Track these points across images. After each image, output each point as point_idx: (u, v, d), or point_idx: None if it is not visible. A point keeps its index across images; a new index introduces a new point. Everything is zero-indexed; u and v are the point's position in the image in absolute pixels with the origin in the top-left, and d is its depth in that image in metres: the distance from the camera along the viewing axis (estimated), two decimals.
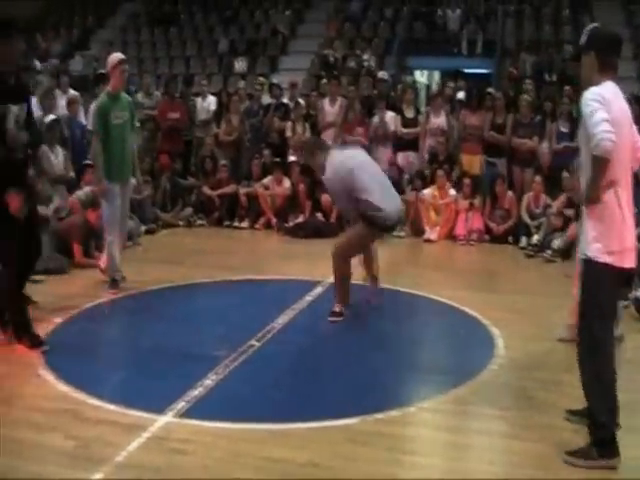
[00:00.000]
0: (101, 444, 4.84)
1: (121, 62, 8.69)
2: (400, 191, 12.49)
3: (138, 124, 11.05)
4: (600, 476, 4.53)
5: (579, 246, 4.91)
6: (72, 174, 11.08)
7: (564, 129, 12.47)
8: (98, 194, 8.74)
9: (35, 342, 6.68)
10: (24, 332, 6.71)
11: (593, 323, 4.65)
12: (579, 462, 4.60)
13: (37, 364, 6.26)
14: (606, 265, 4.58)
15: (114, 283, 8.68)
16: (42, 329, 7.07)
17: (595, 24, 5.24)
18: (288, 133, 13.74)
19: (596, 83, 4.66)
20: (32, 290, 7.96)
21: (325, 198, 12.60)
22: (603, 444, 4.60)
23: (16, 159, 6.49)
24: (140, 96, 14.47)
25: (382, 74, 15.95)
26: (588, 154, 4.55)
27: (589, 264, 4.67)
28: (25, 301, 7.11)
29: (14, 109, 6.43)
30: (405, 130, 13.27)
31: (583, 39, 4.88)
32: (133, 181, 9.13)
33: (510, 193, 12.25)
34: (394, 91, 15.29)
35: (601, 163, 4.43)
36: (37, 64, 18.45)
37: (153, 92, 14.87)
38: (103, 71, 11.88)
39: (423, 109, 14.12)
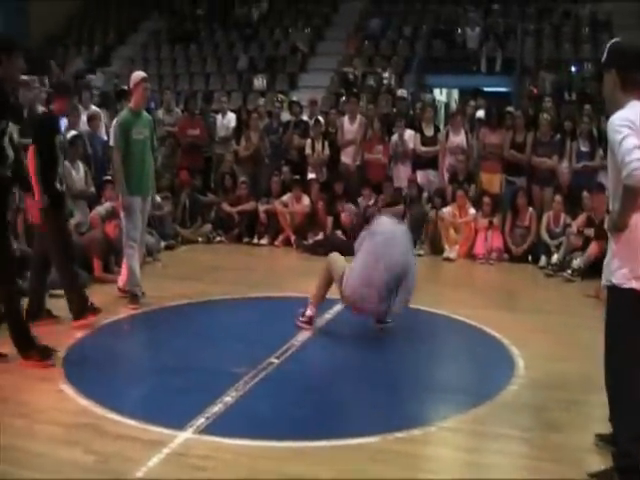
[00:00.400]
0: (121, 459, 4.85)
1: (144, 80, 8.80)
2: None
3: (156, 142, 11.17)
4: None
5: (603, 273, 4.76)
6: (93, 190, 11.15)
7: (584, 148, 12.45)
8: (119, 207, 8.79)
9: (45, 354, 6.68)
10: (30, 347, 6.67)
11: (621, 352, 4.55)
12: None
13: (57, 378, 6.27)
14: (633, 291, 4.44)
15: (134, 298, 8.72)
16: (63, 344, 7.12)
17: (616, 39, 4.96)
18: (307, 151, 13.77)
19: (621, 103, 4.50)
20: (53, 305, 8.01)
21: (344, 216, 12.64)
22: (626, 472, 4.50)
23: (4, 176, 6.54)
24: (160, 113, 14.55)
25: (401, 92, 16.01)
26: (617, 180, 4.40)
27: (615, 291, 4.53)
28: (25, 316, 7.08)
29: (11, 127, 6.51)
30: (424, 149, 13.27)
31: (605, 55, 4.68)
32: (157, 198, 9.21)
33: (530, 209, 12.22)
34: (413, 109, 15.32)
35: (633, 193, 4.27)
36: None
37: (173, 109, 14.93)
38: (125, 87, 11.99)
39: (442, 127, 14.13)
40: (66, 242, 7.83)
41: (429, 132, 13.42)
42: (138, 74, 8.97)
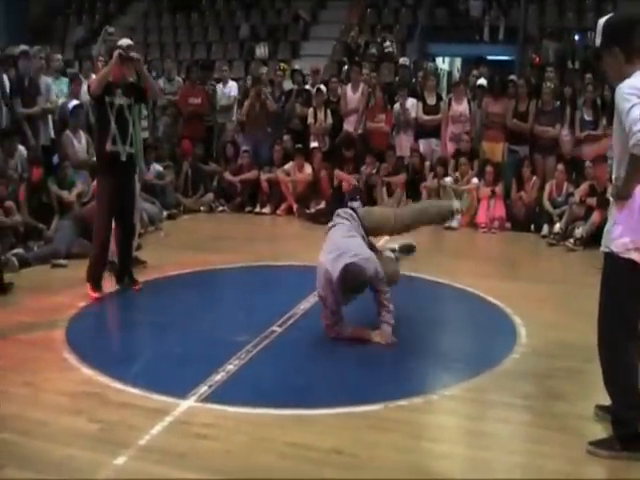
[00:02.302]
0: (124, 427, 4.88)
1: (129, 48, 8.72)
2: (422, 178, 12.61)
3: (156, 111, 11.15)
4: (624, 466, 4.49)
5: (603, 239, 4.68)
6: (95, 159, 11.12)
7: (588, 117, 12.41)
8: None
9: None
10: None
11: (614, 323, 4.55)
12: (602, 452, 4.54)
13: (61, 347, 6.31)
14: (631, 261, 4.40)
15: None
16: (65, 315, 7.15)
17: (605, 17, 4.66)
18: (310, 120, 13.72)
19: (627, 75, 4.38)
20: (56, 274, 8.04)
21: (347, 184, 12.63)
22: (626, 439, 4.53)
23: None
24: (162, 81, 14.50)
25: (403, 60, 15.91)
26: (622, 148, 4.36)
27: (612, 259, 4.49)
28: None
29: None
30: (426, 117, 13.23)
31: (599, 37, 4.53)
32: (159, 168, 9.17)
33: (534, 177, 12.21)
34: (415, 78, 15.24)
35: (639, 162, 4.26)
36: None
37: (174, 77, 14.85)
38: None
39: (445, 96, 14.08)
40: (111, 207, 7.90)
41: (431, 101, 13.37)
42: (123, 41, 8.90)
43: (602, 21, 4.59)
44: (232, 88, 14.65)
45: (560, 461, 4.53)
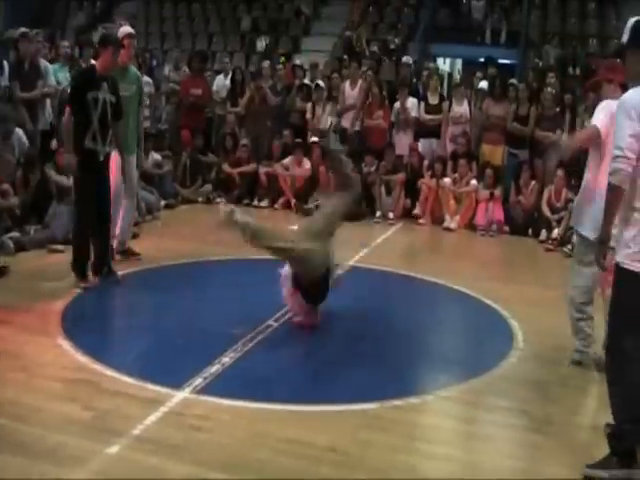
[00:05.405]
0: (118, 416, 4.87)
1: (129, 36, 8.64)
2: (420, 176, 12.57)
3: (147, 100, 11.09)
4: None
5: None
6: None
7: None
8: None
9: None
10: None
11: (621, 333, 4.41)
12: (601, 473, 4.38)
13: (56, 333, 6.29)
14: (635, 274, 4.29)
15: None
16: (61, 300, 7.13)
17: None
18: (308, 115, 13.68)
19: None
20: (52, 259, 7.99)
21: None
22: (623, 455, 4.38)
23: None
24: (167, 69, 14.48)
25: (406, 59, 15.89)
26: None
27: (619, 269, 4.37)
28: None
29: None
30: (428, 117, 13.20)
31: (626, 35, 4.39)
32: (158, 157, 9.09)
33: (533, 182, 12.17)
34: (418, 78, 15.20)
35: (616, 192, 4.22)
36: None
37: (182, 67, 14.81)
38: None
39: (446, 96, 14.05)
40: (91, 201, 7.67)
41: (434, 100, 13.33)
42: (124, 29, 8.82)
43: (633, 20, 4.44)
44: None
45: (555, 467, 4.53)
